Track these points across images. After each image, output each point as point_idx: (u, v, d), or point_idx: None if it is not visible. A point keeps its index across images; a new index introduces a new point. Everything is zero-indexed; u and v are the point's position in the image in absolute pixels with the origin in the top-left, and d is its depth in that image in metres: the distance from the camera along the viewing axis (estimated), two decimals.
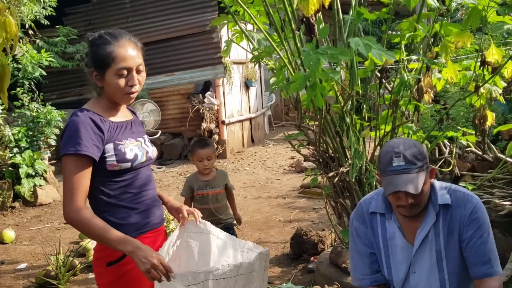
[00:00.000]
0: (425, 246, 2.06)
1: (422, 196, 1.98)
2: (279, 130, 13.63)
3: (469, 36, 2.79)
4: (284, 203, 6.56)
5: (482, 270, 2.00)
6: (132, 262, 1.92)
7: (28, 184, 6.97)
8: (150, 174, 2.13)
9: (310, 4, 2.71)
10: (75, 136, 1.85)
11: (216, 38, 9.84)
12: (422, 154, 1.97)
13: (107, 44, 1.92)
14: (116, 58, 1.91)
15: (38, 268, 4.66)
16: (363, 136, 3.23)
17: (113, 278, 1.98)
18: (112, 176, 1.95)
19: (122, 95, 1.96)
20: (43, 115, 7.38)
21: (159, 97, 10.31)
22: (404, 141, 2.00)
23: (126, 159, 1.94)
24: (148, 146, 2.10)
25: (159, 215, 2.14)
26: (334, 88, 3.06)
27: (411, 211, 2.00)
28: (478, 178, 3.91)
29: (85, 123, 1.88)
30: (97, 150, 1.88)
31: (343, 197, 3.39)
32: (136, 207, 2.02)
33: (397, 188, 1.92)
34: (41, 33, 8.98)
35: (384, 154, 2.00)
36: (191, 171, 9.07)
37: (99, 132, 1.89)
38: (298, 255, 4.48)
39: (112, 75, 1.92)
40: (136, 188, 2.02)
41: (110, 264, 1.97)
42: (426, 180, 1.97)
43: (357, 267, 2.22)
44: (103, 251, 1.99)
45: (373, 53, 2.44)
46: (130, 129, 2.05)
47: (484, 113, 3.11)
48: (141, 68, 1.99)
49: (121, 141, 1.96)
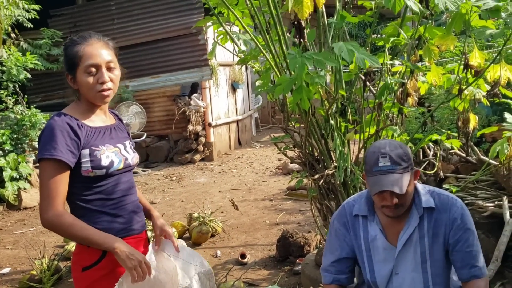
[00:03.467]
0: (408, 248, 2.08)
1: (407, 196, 2.00)
2: (266, 133, 13.65)
3: (453, 39, 2.82)
4: (271, 206, 6.56)
5: (470, 272, 2.03)
6: (107, 267, 1.93)
7: (12, 187, 6.90)
8: (131, 180, 2.10)
9: (304, 7, 2.71)
10: (50, 141, 1.84)
11: (202, 40, 9.83)
12: (407, 155, 2.00)
13: (75, 44, 1.93)
14: (83, 56, 1.91)
15: (22, 273, 4.61)
16: (347, 138, 3.25)
17: (88, 283, 1.96)
18: (89, 182, 1.93)
19: (95, 93, 1.94)
20: (27, 117, 7.32)
21: (144, 99, 10.27)
22: (390, 142, 2.03)
23: (101, 165, 1.92)
24: (129, 152, 2.07)
25: (140, 221, 2.12)
26: (319, 91, 3.07)
27: (395, 212, 2.02)
28: (461, 180, 3.94)
29: (61, 128, 1.86)
30: (72, 156, 1.86)
31: (328, 199, 3.40)
32: (116, 214, 2.00)
33: (382, 188, 1.94)
34: (25, 36, 8.91)
35: (370, 155, 2.02)
36: (177, 174, 9.06)
37: (75, 137, 1.88)
38: (284, 257, 4.49)
39: (81, 74, 1.92)
40: (116, 194, 2.00)
41: (86, 269, 1.95)
42: (410, 181, 2.00)
43: (324, 264, 2.28)
44: (79, 255, 1.98)
45: (357, 59, 2.46)
46: (109, 134, 2.03)
47: (467, 116, 3.14)
48: (112, 66, 1.97)
49: (97, 147, 1.93)
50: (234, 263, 4.57)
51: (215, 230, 5.36)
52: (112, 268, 1.96)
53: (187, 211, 6.25)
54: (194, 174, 9.10)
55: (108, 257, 1.94)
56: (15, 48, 7.62)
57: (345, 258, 2.21)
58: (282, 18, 3.06)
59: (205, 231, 5.15)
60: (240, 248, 4.96)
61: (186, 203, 7.01)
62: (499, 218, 3.42)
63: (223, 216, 6.17)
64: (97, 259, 1.93)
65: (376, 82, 3.30)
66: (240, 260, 4.57)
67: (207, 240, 5.20)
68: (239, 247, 5.03)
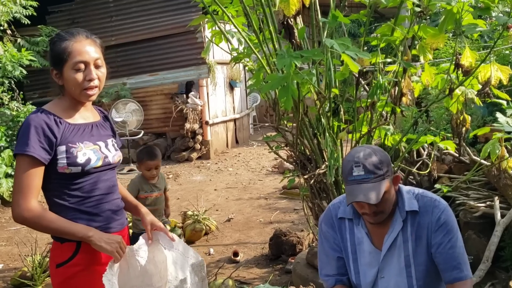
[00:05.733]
0: (393, 252, 2.06)
1: (385, 203, 1.97)
2: (264, 131, 13.63)
3: (444, 37, 2.81)
4: (266, 204, 6.56)
5: (452, 275, 2.00)
6: (81, 265, 1.92)
7: (7, 184, 6.89)
8: (113, 179, 2.08)
9: (290, 4, 2.69)
10: (24, 137, 1.84)
11: (200, 38, 9.81)
12: (384, 162, 1.95)
13: (63, 40, 1.92)
14: (72, 52, 1.90)
15: (15, 269, 4.61)
16: (340, 138, 3.24)
17: (61, 280, 1.95)
18: (66, 179, 1.92)
19: (80, 90, 1.93)
20: (23, 114, 7.32)
21: (142, 97, 10.26)
22: (364, 150, 1.98)
23: (77, 162, 1.90)
24: (110, 150, 2.05)
25: (119, 219, 2.10)
26: (311, 90, 3.06)
27: (375, 219, 2.00)
28: (454, 179, 3.94)
29: (36, 124, 1.85)
30: (45, 152, 1.85)
31: (320, 198, 3.40)
32: (94, 212, 1.98)
33: (355, 199, 1.92)
34: (23, 32, 8.89)
35: (345, 164, 1.99)
36: (174, 172, 9.05)
37: (51, 134, 1.87)
38: (277, 256, 4.49)
39: (69, 71, 1.91)
40: (95, 193, 1.98)
41: (59, 266, 1.95)
42: (389, 188, 1.96)
43: (323, 269, 2.24)
44: (54, 251, 1.98)
45: (348, 53, 2.45)
46: (90, 131, 2.01)
47: (461, 117, 3.13)
48: (100, 63, 1.97)
49: (74, 144, 1.92)
50: (227, 261, 4.57)
51: (209, 228, 5.36)
52: (86, 265, 1.95)
53: (182, 208, 6.24)
54: (191, 172, 9.09)
55: (81, 254, 1.94)
56: (10, 44, 7.60)
57: (340, 258, 2.18)
58: (275, 16, 3.05)
59: (199, 229, 5.15)
60: (233, 246, 4.96)
61: (181, 200, 7.01)
62: (490, 218, 3.42)
63: (217, 214, 6.17)
64: (70, 255, 1.92)
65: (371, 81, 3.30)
66: (232, 258, 4.57)
67: (200, 238, 5.20)
68: (233, 245, 5.02)
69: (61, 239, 1.94)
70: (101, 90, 2.02)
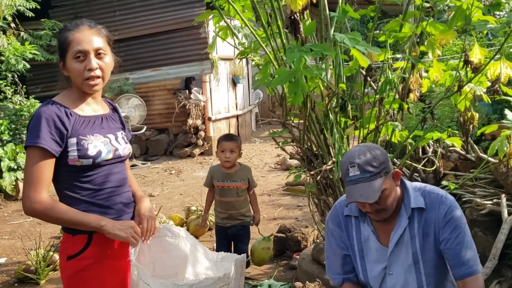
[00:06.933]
0: (400, 248, 2.05)
1: (386, 200, 1.96)
2: (266, 128, 13.63)
3: (453, 33, 2.80)
4: (269, 201, 6.55)
5: (462, 270, 1.98)
6: (92, 257, 1.91)
7: (10, 177, 6.89)
8: (123, 172, 2.07)
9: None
10: (35, 129, 1.83)
11: (203, 33, 9.80)
12: (379, 159, 1.93)
13: (66, 31, 1.93)
14: (72, 42, 1.90)
15: (18, 263, 4.60)
16: (347, 134, 3.22)
17: (72, 272, 1.94)
18: (77, 171, 1.90)
19: (82, 80, 1.92)
20: (26, 108, 7.31)
21: (145, 92, 10.25)
22: (359, 149, 1.97)
23: (88, 155, 1.89)
24: (120, 143, 2.04)
25: (129, 213, 2.08)
26: (319, 85, 3.05)
27: (379, 216, 1.99)
28: (460, 177, 3.92)
29: (47, 116, 1.84)
30: (56, 145, 1.84)
31: (326, 194, 3.39)
32: (106, 205, 1.97)
33: (352, 200, 1.92)
34: (26, 26, 8.88)
35: (342, 165, 1.99)
36: (176, 168, 9.04)
37: (62, 126, 1.85)
38: (281, 252, 4.48)
39: (70, 60, 1.91)
40: (107, 185, 1.97)
41: (70, 258, 1.93)
42: (388, 184, 1.94)
43: (331, 267, 2.24)
44: (64, 244, 1.97)
45: (358, 47, 2.43)
46: (100, 124, 2.00)
47: (469, 114, 3.11)
48: (102, 53, 1.95)
49: (85, 136, 1.91)
50: None
51: (213, 223, 5.33)
52: (98, 258, 1.94)
53: (186, 204, 6.23)
54: (193, 168, 9.08)
55: (93, 247, 1.93)
56: (13, 38, 7.58)
57: (347, 255, 2.18)
58: (283, 10, 3.03)
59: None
60: None
61: (184, 196, 7.00)
62: (497, 216, 3.40)
63: None
64: (81, 248, 1.91)
65: (377, 77, 3.28)
66: None
67: (204, 233, 5.19)
68: None
69: (72, 232, 1.92)
70: (106, 81, 2.00)
